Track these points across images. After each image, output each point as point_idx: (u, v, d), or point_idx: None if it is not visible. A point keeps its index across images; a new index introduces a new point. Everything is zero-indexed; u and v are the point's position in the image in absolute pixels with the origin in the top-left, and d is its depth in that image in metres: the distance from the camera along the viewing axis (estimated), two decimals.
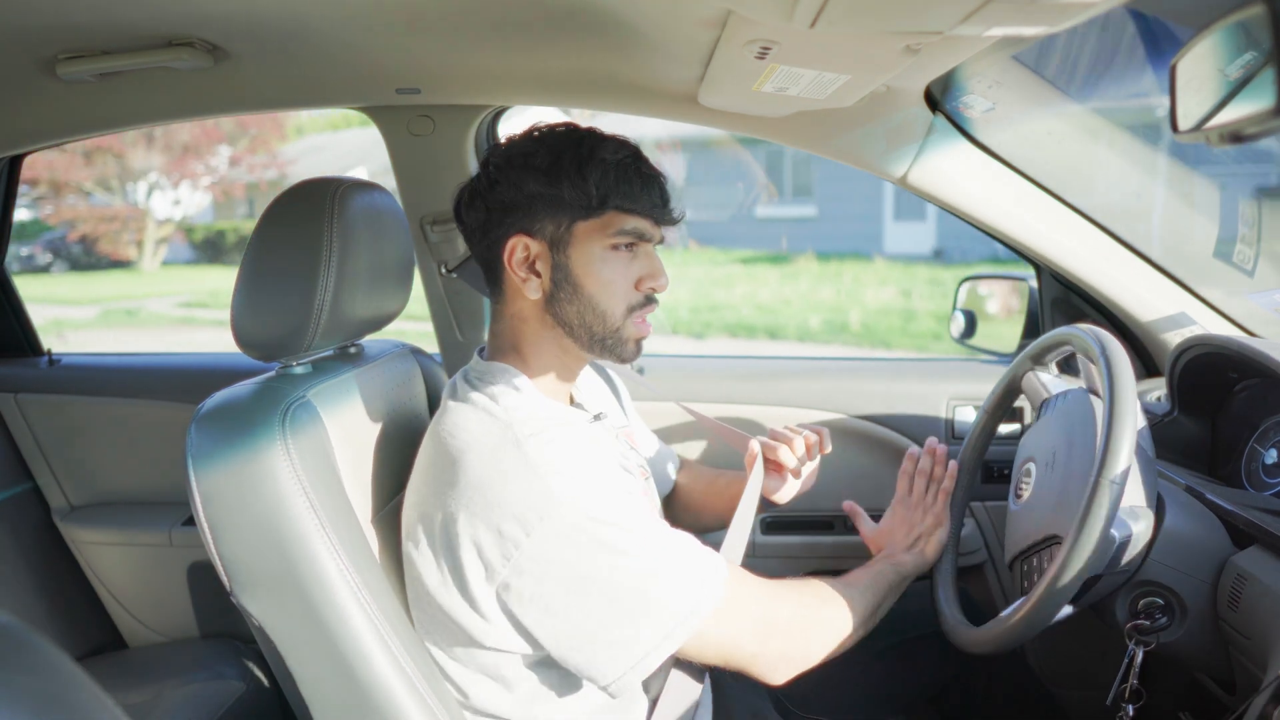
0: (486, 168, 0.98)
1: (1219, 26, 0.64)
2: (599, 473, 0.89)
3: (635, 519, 0.87)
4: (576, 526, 0.83)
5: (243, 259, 0.98)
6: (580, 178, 0.93)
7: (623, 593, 0.85)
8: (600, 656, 0.86)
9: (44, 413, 1.75)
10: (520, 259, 0.96)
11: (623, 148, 0.96)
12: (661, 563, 0.87)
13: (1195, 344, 1.17)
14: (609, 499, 0.87)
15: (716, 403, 1.61)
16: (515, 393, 0.95)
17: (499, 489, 0.84)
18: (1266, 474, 1.09)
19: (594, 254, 0.95)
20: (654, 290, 0.99)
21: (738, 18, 0.86)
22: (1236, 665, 0.92)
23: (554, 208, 0.94)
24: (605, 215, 0.94)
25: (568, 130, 0.97)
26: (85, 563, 1.75)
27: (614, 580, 0.84)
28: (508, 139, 0.99)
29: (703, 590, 0.88)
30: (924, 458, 1.24)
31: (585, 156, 0.93)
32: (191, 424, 0.90)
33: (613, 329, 0.97)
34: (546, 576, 0.84)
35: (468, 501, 0.86)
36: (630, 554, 0.85)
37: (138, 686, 1.43)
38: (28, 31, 1.07)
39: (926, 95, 1.29)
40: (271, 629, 0.90)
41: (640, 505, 0.91)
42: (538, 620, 0.86)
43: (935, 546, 1.17)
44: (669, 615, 0.86)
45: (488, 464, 0.86)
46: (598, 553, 0.84)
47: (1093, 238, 1.38)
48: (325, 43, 1.15)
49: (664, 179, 0.99)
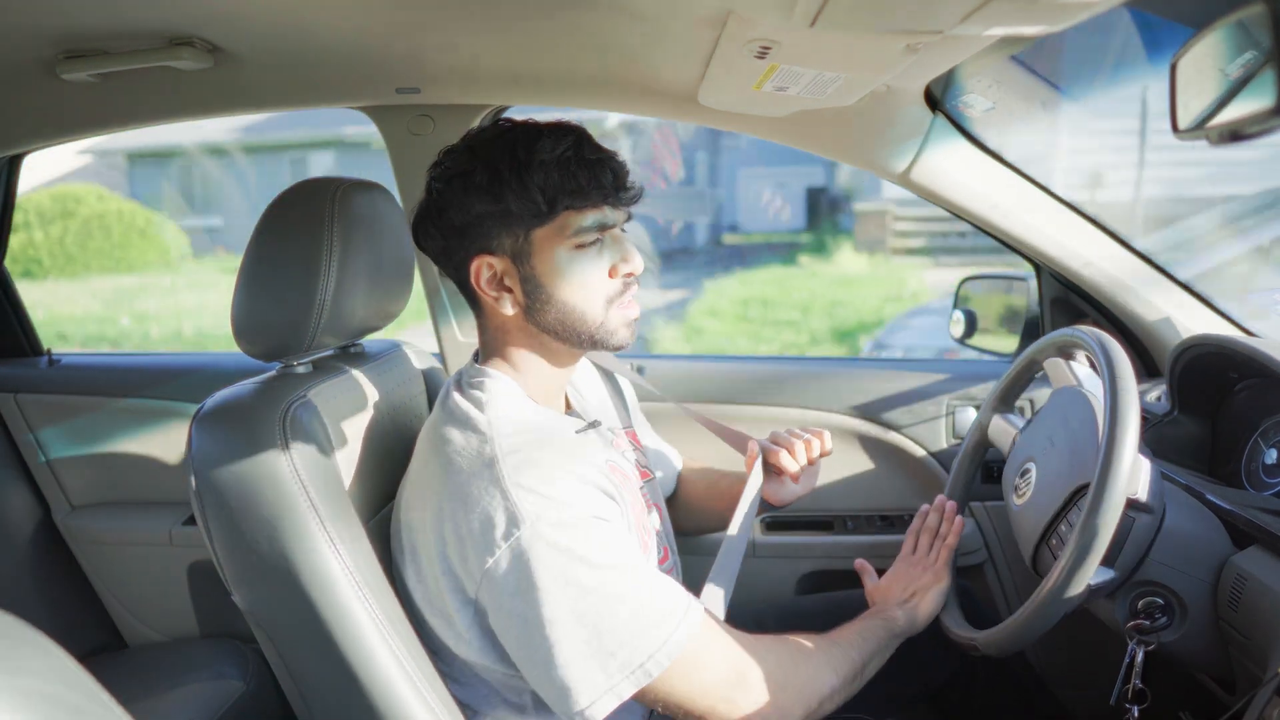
0: (430, 192, 0.95)
1: (1219, 26, 0.64)
2: (571, 500, 0.85)
3: (604, 552, 0.84)
4: (538, 556, 0.81)
5: (243, 259, 0.98)
6: (523, 187, 0.89)
7: (579, 628, 0.82)
8: (558, 687, 0.83)
9: (44, 413, 1.75)
10: (488, 278, 0.94)
11: (561, 140, 0.90)
12: (624, 603, 0.83)
13: (1195, 344, 1.17)
14: (577, 529, 0.84)
15: (716, 403, 1.61)
16: (504, 401, 0.94)
17: (468, 511, 0.84)
18: (1266, 474, 1.09)
19: (559, 258, 0.92)
20: (630, 275, 0.96)
21: (737, 17, 0.86)
22: (1236, 665, 0.92)
23: (506, 222, 0.91)
24: (559, 218, 0.91)
25: (501, 134, 0.92)
26: (85, 563, 1.75)
27: (574, 613, 0.81)
28: (444, 155, 0.95)
29: (666, 635, 0.83)
30: (932, 514, 1.21)
31: (524, 162, 0.88)
32: (192, 424, 0.90)
33: (597, 324, 0.95)
34: (509, 601, 0.83)
35: (440, 520, 0.87)
36: (591, 590, 0.82)
37: (138, 686, 1.43)
38: (28, 31, 1.07)
39: (926, 94, 1.29)
40: (272, 628, 0.90)
41: (614, 536, 0.87)
42: (507, 642, 0.86)
43: (930, 603, 1.11)
44: (626, 656, 0.82)
45: (462, 484, 0.86)
46: (557, 585, 0.81)
47: (1093, 238, 1.38)
48: (325, 43, 1.15)
49: (612, 158, 0.94)
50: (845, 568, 1.63)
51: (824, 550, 1.59)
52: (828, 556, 1.59)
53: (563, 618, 0.82)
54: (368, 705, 0.88)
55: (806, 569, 1.60)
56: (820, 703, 0.93)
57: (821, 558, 1.59)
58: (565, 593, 0.81)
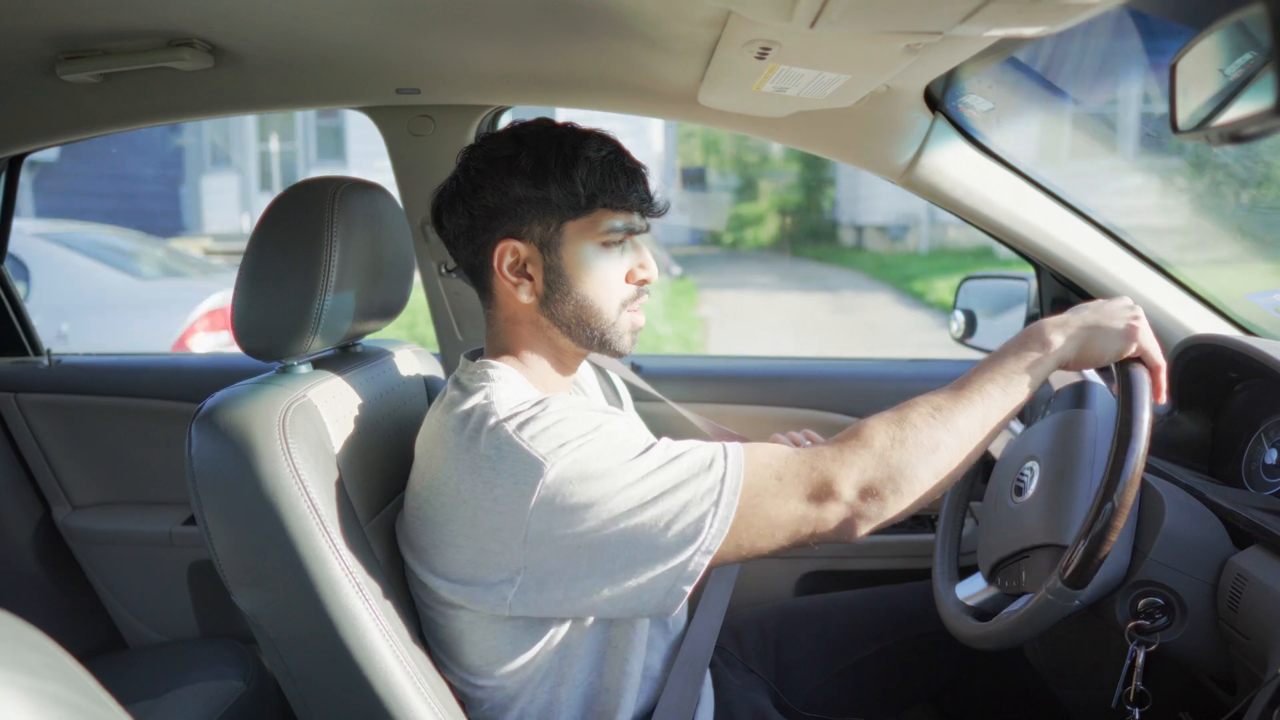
0: (467, 171, 0.96)
1: (1219, 26, 0.64)
2: (578, 424, 0.85)
3: (627, 449, 0.84)
4: (572, 485, 0.81)
5: (243, 259, 0.98)
6: (567, 178, 0.92)
7: (640, 526, 0.81)
8: (643, 587, 0.83)
9: (44, 413, 1.75)
10: (510, 263, 0.95)
11: (605, 144, 0.95)
12: (668, 481, 0.83)
13: (1195, 344, 1.17)
14: (594, 442, 0.84)
15: (715, 404, 1.61)
16: (507, 385, 0.93)
17: (490, 481, 0.83)
18: (1266, 474, 1.09)
19: (586, 252, 0.94)
20: (645, 281, 0.99)
21: (738, 18, 0.86)
22: (1236, 665, 0.92)
23: (542, 210, 0.93)
24: (594, 214, 0.94)
25: (548, 129, 0.95)
26: (85, 563, 1.76)
27: (628, 514, 0.81)
28: (485, 139, 0.97)
29: (716, 484, 0.83)
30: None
31: (570, 156, 0.92)
32: (192, 424, 0.90)
33: (610, 324, 0.97)
34: (562, 541, 0.82)
35: (457, 504, 0.86)
36: (633, 485, 0.82)
37: (138, 686, 1.43)
38: (28, 32, 1.07)
39: (926, 95, 1.29)
40: (272, 628, 0.90)
41: (629, 433, 0.87)
42: (574, 585, 0.84)
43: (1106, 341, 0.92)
44: (686, 525, 0.81)
45: (474, 461, 0.85)
46: (602, 498, 0.81)
47: (1092, 238, 1.38)
48: (325, 43, 1.15)
49: (645, 171, 0.98)
50: (845, 568, 1.64)
51: (824, 550, 1.59)
52: (828, 556, 1.59)
53: (620, 524, 0.81)
54: (368, 705, 0.88)
55: (806, 569, 1.60)
56: (931, 470, 0.85)
57: (821, 558, 1.59)
58: (613, 502, 0.82)
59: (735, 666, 1.21)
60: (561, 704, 0.95)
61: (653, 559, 0.82)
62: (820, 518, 0.85)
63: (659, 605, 0.85)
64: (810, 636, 1.27)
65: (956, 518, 1.21)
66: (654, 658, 1.04)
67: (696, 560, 0.82)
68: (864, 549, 1.58)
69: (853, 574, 1.60)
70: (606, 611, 0.87)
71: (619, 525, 0.82)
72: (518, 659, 0.92)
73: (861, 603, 1.34)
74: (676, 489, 0.83)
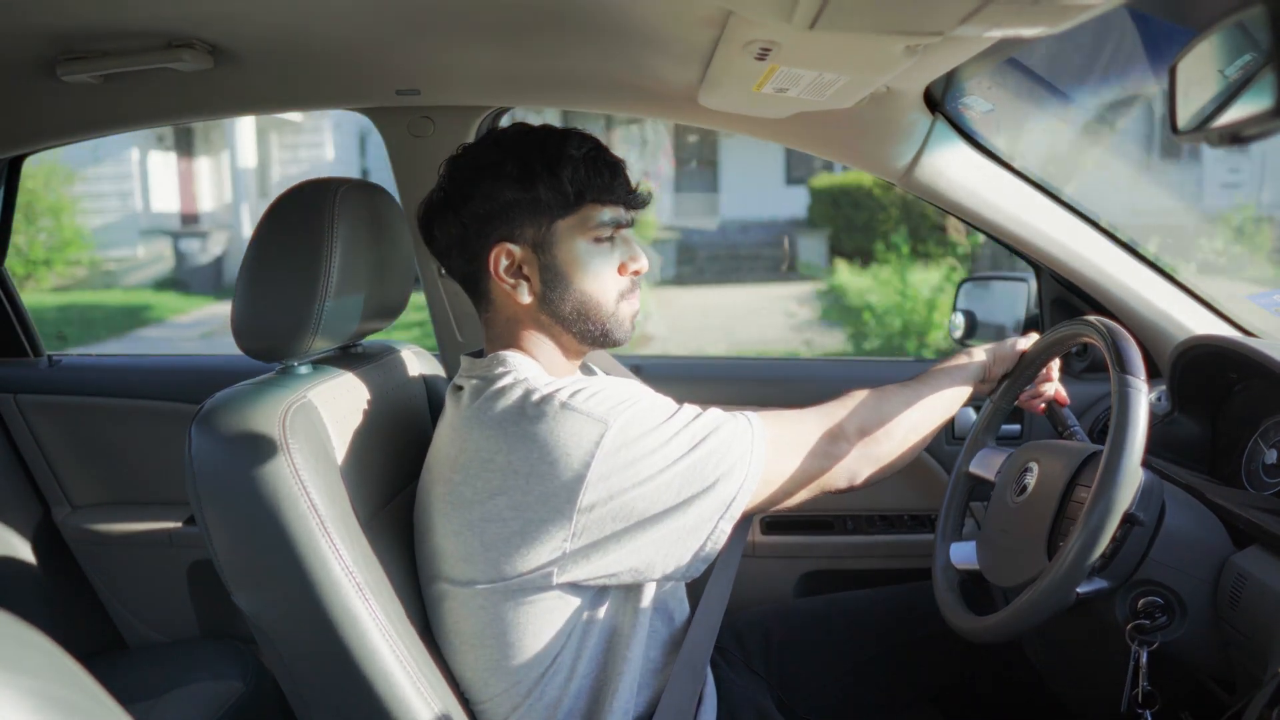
0: (454, 181, 0.99)
1: (1219, 26, 0.64)
2: (623, 391, 0.92)
3: (667, 413, 0.92)
4: (631, 442, 0.87)
5: (243, 259, 0.98)
6: (554, 177, 0.95)
7: (689, 477, 0.89)
8: (696, 529, 0.91)
9: (44, 413, 1.75)
10: (505, 266, 0.97)
11: (585, 140, 0.98)
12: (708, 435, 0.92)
13: (1195, 344, 1.17)
14: (639, 406, 0.91)
15: (716, 404, 1.61)
16: (529, 367, 0.97)
17: (548, 445, 0.87)
18: (1266, 474, 1.09)
19: (579, 248, 0.97)
20: (637, 272, 1.02)
21: (738, 18, 0.86)
22: (1236, 665, 0.92)
23: (533, 211, 0.96)
24: (582, 210, 0.97)
25: (528, 132, 0.98)
26: (85, 563, 1.75)
27: (682, 468, 0.89)
28: (465, 149, 1.01)
29: (749, 443, 0.93)
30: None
31: (554, 156, 0.95)
32: (192, 424, 0.90)
33: (610, 314, 1.00)
34: (626, 498, 0.87)
35: (508, 476, 0.88)
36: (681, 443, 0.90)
37: (138, 686, 1.43)
38: (28, 33, 1.07)
39: (926, 96, 1.29)
40: (272, 628, 0.90)
41: (661, 400, 0.95)
42: (634, 540, 0.89)
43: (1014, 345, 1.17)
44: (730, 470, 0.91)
45: (525, 430, 0.88)
46: (660, 457, 0.88)
47: (1092, 238, 1.38)
48: (325, 44, 1.15)
49: (625, 165, 1.01)
50: (845, 568, 1.64)
51: (824, 550, 1.59)
52: (827, 556, 1.59)
53: (674, 468, 0.88)
54: (369, 705, 0.88)
55: (806, 569, 1.60)
56: (901, 432, 1.04)
57: (821, 558, 1.59)
58: (667, 449, 0.89)
59: (738, 668, 1.21)
60: (567, 698, 0.95)
61: (702, 496, 0.89)
62: (833, 453, 0.99)
63: (702, 549, 0.92)
64: (812, 638, 1.27)
65: (957, 518, 1.21)
66: (656, 650, 1.04)
67: (742, 493, 0.91)
68: (864, 549, 1.58)
69: (853, 574, 1.60)
70: (651, 564, 0.91)
71: (673, 470, 0.88)
72: (534, 650, 0.93)
73: (863, 604, 1.34)
74: (716, 431, 0.92)
